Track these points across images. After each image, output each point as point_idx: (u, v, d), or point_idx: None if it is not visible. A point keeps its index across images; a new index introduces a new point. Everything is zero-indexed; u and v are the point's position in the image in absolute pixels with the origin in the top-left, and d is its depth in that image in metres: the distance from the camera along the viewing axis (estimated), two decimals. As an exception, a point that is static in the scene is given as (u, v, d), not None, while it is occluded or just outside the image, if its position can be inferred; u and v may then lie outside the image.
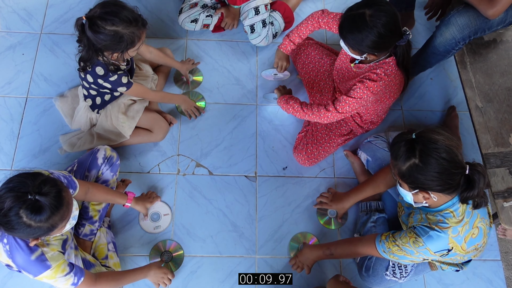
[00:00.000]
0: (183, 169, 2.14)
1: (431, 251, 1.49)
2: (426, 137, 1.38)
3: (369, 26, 1.62)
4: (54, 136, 2.16)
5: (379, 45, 1.68)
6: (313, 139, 2.10)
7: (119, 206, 2.03)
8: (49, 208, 1.29)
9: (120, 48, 1.71)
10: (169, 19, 2.48)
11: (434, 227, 1.48)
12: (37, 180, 1.31)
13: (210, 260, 1.98)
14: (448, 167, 1.35)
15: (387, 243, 1.58)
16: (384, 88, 1.80)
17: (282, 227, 2.06)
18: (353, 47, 1.72)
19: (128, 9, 1.69)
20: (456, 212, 1.46)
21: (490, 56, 2.05)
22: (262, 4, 2.28)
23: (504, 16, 1.89)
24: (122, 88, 1.88)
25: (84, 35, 1.68)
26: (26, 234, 1.32)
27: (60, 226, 1.38)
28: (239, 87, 2.33)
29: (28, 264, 1.42)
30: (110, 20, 1.63)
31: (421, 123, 2.31)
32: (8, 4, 2.45)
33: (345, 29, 1.68)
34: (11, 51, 2.33)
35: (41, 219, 1.29)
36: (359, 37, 1.65)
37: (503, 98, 1.96)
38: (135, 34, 1.70)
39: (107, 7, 1.65)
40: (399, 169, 1.42)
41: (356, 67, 1.88)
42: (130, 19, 1.67)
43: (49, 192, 1.30)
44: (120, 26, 1.65)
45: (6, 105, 2.21)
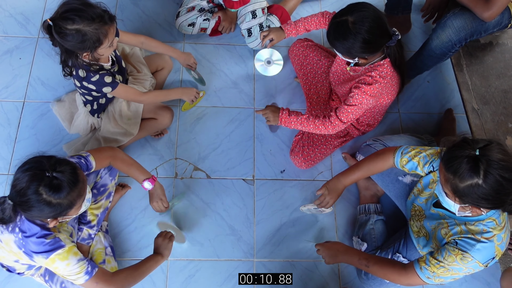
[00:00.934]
0: (180, 173, 2.14)
1: (480, 263, 1.43)
2: (491, 156, 1.27)
3: (353, 33, 1.64)
4: (52, 140, 2.15)
5: (367, 49, 1.70)
6: (309, 141, 2.10)
7: (117, 211, 2.03)
8: (67, 184, 1.34)
9: (87, 47, 1.65)
10: (167, 23, 2.48)
11: (479, 238, 1.42)
12: (52, 159, 1.37)
13: (208, 263, 1.98)
14: (506, 184, 1.27)
15: (429, 268, 1.48)
16: (381, 90, 1.81)
17: (280, 230, 2.06)
18: (343, 53, 1.74)
19: (90, 5, 1.62)
20: (498, 220, 1.42)
21: (486, 59, 2.06)
22: (259, 8, 2.28)
23: (500, 19, 1.90)
24: (106, 89, 1.82)
25: (54, 38, 1.63)
26: (46, 213, 1.35)
27: (78, 204, 1.42)
28: (237, 90, 2.34)
29: (42, 246, 1.43)
30: (71, 19, 1.57)
31: (419, 126, 2.31)
32: (5, 8, 2.45)
33: (331, 37, 1.71)
34: (8, 56, 2.33)
35: (60, 196, 1.33)
36: (345, 44, 1.68)
37: (499, 100, 1.97)
38: (99, 31, 1.62)
39: (67, 6, 1.60)
40: (455, 185, 1.31)
41: (352, 70, 1.89)
42: (92, 16, 1.60)
43: (65, 170, 1.36)
44: (81, 24, 1.58)
45: (3, 110, 2.20)
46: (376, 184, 2.06)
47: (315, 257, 2.01)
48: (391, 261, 1.67)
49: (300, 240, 2.04)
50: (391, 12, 2.39)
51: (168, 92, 2.08)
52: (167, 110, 2.12)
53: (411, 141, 2.06)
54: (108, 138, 2.06)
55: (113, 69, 1.89)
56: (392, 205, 2.03)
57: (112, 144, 2.04)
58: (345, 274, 2.00)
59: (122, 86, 1.86)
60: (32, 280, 1.82)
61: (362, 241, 1.97)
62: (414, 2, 2.42)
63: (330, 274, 1.99)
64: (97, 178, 1.82)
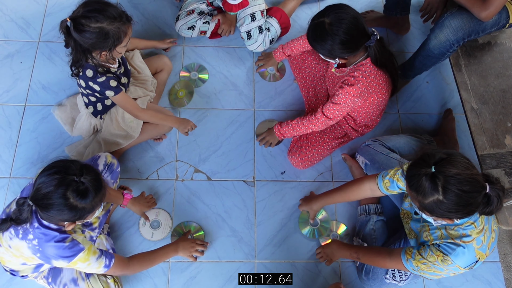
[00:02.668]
0: (181, 175, 2.14)
1: (461, 267, 1.46)
2: (447, 172, 1.30)
3: (330, 34, 1.67)
4: (53, 143, 2.16)
5: (345, 50, 1.73)
6: (307, 142, 2.11)
7: (119, 213, 2.04)
8: (93, 189, 1.37)
9: (108, 46, 1.69)
10: (167, 26, 2.49)
11: (459, 242, 1.45)
12: (77, 164, 1.40)
13: (210, 265, 1.98)
14: (470, 197, 1.30)
15: (414, 261, 1.55)
16: (365, 89, 1.84)
17: (281, 231, 2.06)
18: (323, 54, 1.78)
19: (111, 5, 1.68)
20: (477, 223, 1.44)
21: (484, 59, 2.06)
22: (259, 11, 2.29)
23: (497, 19, 1.91)
24: (109, 92, 1.84)
25: (70, 38, 1.66)
26: (67, 217, 1.37)
27: (97, 209, 1.45)
28: (236, 92, 2.34)
29: (62, 251, 1.45)
30: (94, 17, 1.62)
31: (418, 126, 2.32)
32: (5, 13, 2.47)
33: (310, 39, 1.76)
34: (9, 60, 2.34)
35: (86, 201, 1.36)
36: (323, 45, 1.72)
37: (498, 99, 1.97)
38: (120, 30, 1.68)
39: (90, 5, 1.64)
40: (420, 201, 1.36)
41: (338, 71, 1.93)
42: (114, 15, 1.66)
43: (91, 176, 1.38)
44: (104, 23, 1.63)
45: (5, 113, 2.21)
46: (376, 185, 2.06)
47: (316, 258, 2.01)
48: (377, 249, 1.81)
49: (301, 241, 2.04)
50: (390, 13, 2.40)
51: (165, 117, 2.04)
52: (168, 114, 2.12)
53: (410, 141, 2.07)
54: (108, 140, 2.06)
55: (119, 70, 1.91)
56: (393, 205, 2.04)
57: (112, 146, 2.05)
58: (345, 274, 2.00)
59: (123, 94, 1.88)
60: (34, 283, 1.83)
61: (362, 241, 1.97)
62: (412, 3, 2.43)
63: (331, 274, 1.99)
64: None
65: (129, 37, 1.75)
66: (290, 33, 2.50)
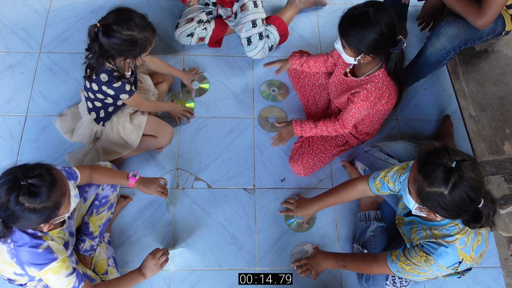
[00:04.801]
0: (182, 183, 2.15)
1: (444, 267, 1.48)
2: (465, 172, 1.30)
3: (373, 23, 1.65)
4: (54, 153, 2.18)
5: (377, 45, 1.70)
6: (309, 149, 2.12)
7: (120, 222, 2.04)
8: (45, 186, 1.33)
9: (134, 53, 1.76)
10: (166, 35, 2.52)
11: (441, 242, 1.47)
12: (24, 167, 1.36)
13: (211, 273, 1.98)
14: (468, 203, 1.32)
15: (399, 263, 1.57)
16: (377, 100, 1.85)
17: (281, 238, 2.07)
18: (352, 45, 1.73)
19: (140, 15, 1.76)
20: (461, 225, 1.46)
21: (482, 66, 2.08)
22: (260, 18, 2.32)
23: (493, 26, 1.93)
24: (124, 96, 1.90)
25: (96, 42, 1.72)
26: (35, 220, 1.35)
27: (65, 203, 1.42)
28: (236, 101, 2.36)
29: (35, 257, 1.44)
30: (126, 25, 1.69)
31: (417, 132, 2.33)
32: (7, 24, 2.49)
33: (348, 25, 1.70)
34: (10, 71, 2.36)
35: (42, 199, 1.33)
36: (361, 34, 1.68)
37: (496, 106, 1.98)
38: (148, 39, 1.76)
39: (122, 13, 1.72)
40: (422, 187, 1.35)
41: (349, 80, 1.92)
42: (144, 24, 1.74)
43: (39, 173, 1.35)
44: (135, 31, 1.71)
45: (6, 124, 2.23)
46: (376, 192, 2.07)
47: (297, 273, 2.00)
48: (362, 255, 1.83)
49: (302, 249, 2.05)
50: None
51: (163, 105, 2.26)
52: (167, 129, 2.12)
53: (409, 147, 2.08)
54: (107, 149, 2.08)
55: (131, 78, 1.96)
56: (392, 211, 2.04)
57: (110, 155, 2.07)
58: (347, 281, 2.00)
59: (136, 95, 1.96)
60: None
61: (362, 248, 1.97)
62: (409, 11, 2.45)
63: (332, 281, 1.99)
64: (98, 190, 1.84)
65: (152, 46, 1.83)
66: (288, 41, 2.52)
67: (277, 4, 2.66)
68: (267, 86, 2.41)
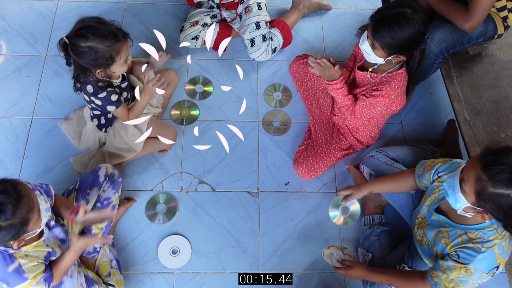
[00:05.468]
0: (186, 186, 2.16)
1: (484, 274, 1.44)
2: None
3: (411, 23, 1.63)
4: (59, 155, 2.19)
5: (413, 44, 1.70)
6: (313, 152, 2.12)
7: (124, 224, 2.05)
8: (10, 203, 1.29)
9: (99, 64, 1.69)
10: (171, 39, 2.53)
11: (480, 248, 1.43)
12: None
13: (214, 276, 1.98)
14: None
15: (442, 283, 1.50)
16: (395, 98, 1.86)
17: (285, 242, 2.06)
18: (387, 46, 1.71)
19: (104, 23, 1.67)
20: (499, 229, 1.43)
21: (476, 70, 2.07)
22: (263, 21, 2.33)
23: (483, 30, 1.91)
24: (111, 107, 1.86)
25: (69, 55, 1.68)
26: (2, 238, 1.31)
27: (33, 219, 1.37)
28: (240, 104, 2.37)
29: (4, 275, 1.43)
30: (84, 36, 1.62)
31: (421, 137, 2.33)
32: (14, 28, 2.52)
33: (384, 26, 1.67)
34: (16, 74, 2.38)
35: (6, 216, 1.28)
36: (398, 34, 1.66)
37: (490, 110, 1.97)
38: (111, 48, 1.67)
39: (81, 23, 1.66)
40: (485, 187, 1.29)
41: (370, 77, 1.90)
42: (105, 33, 1.64)
43: (4, 189, 1.30)
44: (94, 41, 1.63)
45: (12, 126, 2.25)
46: (380, 195, 2.07)
47: (321, 269, 2.01)
48: (397, 272, 1.71)
49: (305, 252, 2.04)
50: None
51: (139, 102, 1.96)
52: (170, 130, 2.12)
53: (413, 152, 2.08)
54: (112, 153, 2.09)
55: (122, 84, 1.93)
56: (397, 215, 2.03)
57: (116, 159, 2.07)
58: (350, 285, 1.99)
59: (124, 106, 1.91)
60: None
61: (367, 252, 1.97)
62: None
63: (336, 285, 1.98)
64: (100, 191, 1.85)
65: (125, 54, 1.74)
66: (292, 45, 2.53)
67: (282, 9, 2.68)
68: (272, 90, 2.42)
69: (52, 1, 2.62)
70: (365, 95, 1.90)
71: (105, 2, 2.64)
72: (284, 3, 2.71)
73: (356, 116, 1.96)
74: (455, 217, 1.54)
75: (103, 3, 2.64)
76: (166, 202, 2.11)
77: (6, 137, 2.22)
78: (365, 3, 2.73)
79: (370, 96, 1.88)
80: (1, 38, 2.49)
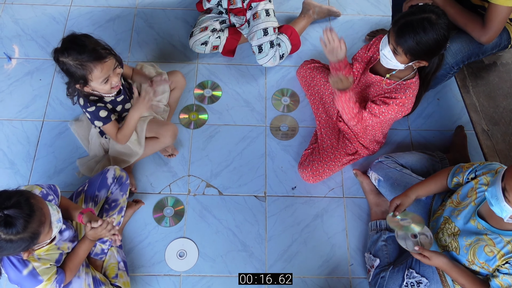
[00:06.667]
0: (193, 190, 2.17)
1: None
2: None
3: (436, 28, 1.62)
4: (69, 158, 2.22)
5: (436, 49, 1.68)
6: (319, 156, 2.13)
7: (132, 226, 2.07)
8: (22, 217, 1.30)
9: (76, 80, 1.71)
10: (181, 44, 2.56)
11: None
12: (1, 197, 1.32)
13: (220, 279, 1.99)
14: None
15: None
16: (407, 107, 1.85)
17: (291, 246, 2.06)
18: (411, 52, 1.68)
19: (83, 41, 1.68)
20: None
21: (492, 79, 2.06)
22: (271, 27, 2.35)
23: (498, 41, 1.91)
24: (98, 123, 1.86)
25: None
26: (13, 250, 1.33)
27: (44, 232, 1.39)
28: (248, 109, 2.38)
29: (20, 279, 1.46)
30: (60, 52, 1.66)
31: (429, 143, 2.32)
32: (27, 32, 2.56)
33: (409, 31, 1.64)
34: (29, 77, 2.43)
35: (18, 230, 1.30)
36: (423, 39, 1.63)
37: (508, 120, 1.96)
38: (83, 67, 1.66)
39: (66, 37, 1.70)
40: None
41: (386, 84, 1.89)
42: (79, 51, 1.65)
43: (17, 203, 1.31)
44: (68, 58, 1.65)
45: (23, 128, 2.28)
46: (387, 200, 2.06)
47: (327, 274, 2.01)
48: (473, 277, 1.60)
49: (311, 257, 2.04)
50: None
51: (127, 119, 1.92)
52: (169, 127, 2.06)
53: (422, 158, 2.08)
54: (116, 158, 2.10)
55: (118, 98, 1.92)
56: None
57: (120, 164, 2.07)
58: (357, 291, 1.99)
59: (112, 124, 1.90)
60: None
61: (374, 257, 1.96)
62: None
63: (342, 290, 1.99)
64: (108, 193, 1.87)
65: (102, 74, 1.70)
66: (301, 51, 2.55)
67: (291, 15, 2.70)
68: (280, 94, 2.43)
69: (65, 6, 2.67)
70: (375, 102, 1.88)
71: (116, 7, 2.68)
72: (293, 9, 2.73)
73: (363, 123, 1.94)
74: (497, 224, 1.51)
75: (114, 8, 2.68)
76: (173, 205, 2.12)
77: (18, 139, 2.25)
78: (374, 10, 2.74)
79: (382, 103, 1.86)
80: (14, 42, 2.54)
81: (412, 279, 1.78)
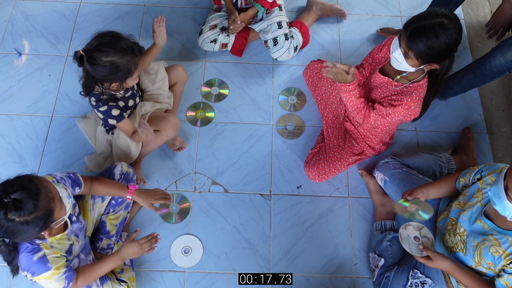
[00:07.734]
0: (199, 187, 2.19)
1: None
2: None
3: (449, 33, 1.61)
4: (77, 153, 2.24)
5: (448, 53, 1.68)
6: (325, 156, 2.13)
7: (137, 222, 2.08)
8: (29, 197, 1.34)
9: (118, 78, 1.74)
10: (189, 42, 2.57)
11: None
12: (5, 184, 1.37)
13: (225, 276, 2.00)
14: None
15: None
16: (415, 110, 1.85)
17: (295, 245, 2.07)
18: (423, 56, 1.68)
19: (123, 38, 1.72)
20: None
21: None
22: (285, 21, 2.39)
23: None
24: (112, 121, 1.88)
25: (84, 67, 1.72)
26: (31, 231, 1.37)
27: (57, 207, 1.43)
28: (255, 107, 2.39)
29: (29, 264, 1.49)
30: (105, 51, 1.66)
31: (436, 144, 2.32)
32: (37, 28, 2.59)
33: (421, 36, 1.64)
34: (38, 73, 2.45)
35: (29, 210, 1.33)
36: (435, 44, 1.63)
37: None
38: (131, 63, 1.72)
39: (102, 38, 1.70)
40: None
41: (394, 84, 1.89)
42: (125, 48, 1.69)
43: (20, 186, 1.35)
44: (115, 56, 1.67)
45: (32, 124, 2.31)
46: (392, 201, 2.06)
47: (331, 273, 2.01)
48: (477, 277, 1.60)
49: (315, 256, 2.05)
50: None
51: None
52: (169, 120, 2.06)
53: (429, 159, 2.07)
54: (119, 156, 2.11)
55: (127, 94, 1.95)
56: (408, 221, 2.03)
57: (125, 160, 2.09)
58: (360, 290, 2.00)
59: (126, 121, 1.92)
60: None
61: (379, 257, 1.96)
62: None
63: (346, 290, 1.99)
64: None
65: (141, 67, 1.79)
66: (308, 49, 2.56)
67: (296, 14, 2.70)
68: (287, 93, 2.44)
69: (75, 3, 2.69)
70: (382, 104, 1.89)
71: (126, 5, 2.70)
72: (295, 8, 2.73)
73: (369, 122, 1.95)
74: (503, 224, 1.52)
75: (124, 5, 2.69)
76: (179, 202, 2.14)
77: (27, 134, 2.28)
78: (382, 9, 2.74)
79: (388, 105, 1.86)
80: (24, 38, 2.56)
81: (416, 279, 1.78)
